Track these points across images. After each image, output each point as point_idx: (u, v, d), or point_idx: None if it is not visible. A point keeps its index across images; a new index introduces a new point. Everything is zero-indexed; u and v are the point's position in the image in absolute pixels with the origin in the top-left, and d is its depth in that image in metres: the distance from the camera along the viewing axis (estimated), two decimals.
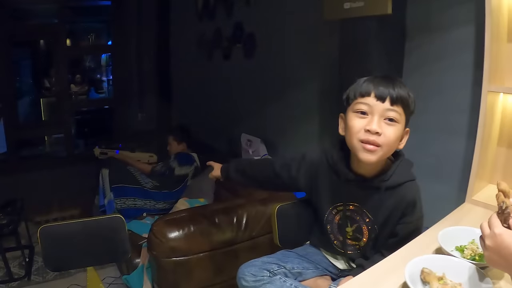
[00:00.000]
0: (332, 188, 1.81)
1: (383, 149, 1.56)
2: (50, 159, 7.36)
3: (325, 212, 1.86)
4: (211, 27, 4.38)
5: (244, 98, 3.95)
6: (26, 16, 7.27)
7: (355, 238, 1.80)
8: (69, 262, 2.13)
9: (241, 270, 1.92)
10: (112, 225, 2.04)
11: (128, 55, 5.84)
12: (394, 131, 1.56)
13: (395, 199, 1.66)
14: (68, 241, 2.05)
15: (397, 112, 1.55)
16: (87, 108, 8.38)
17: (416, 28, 2.28)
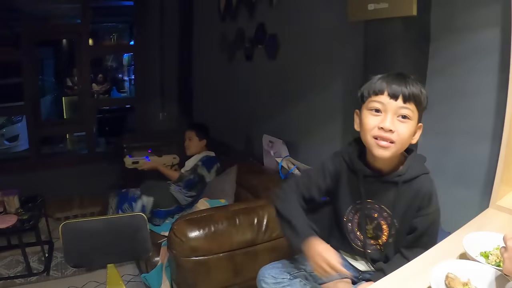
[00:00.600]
0: (350, 186, 1.83)
1: (397, 146, 1.60)
2: (71, 157, 7.46)
3: (345, 212, 1.87)
4: (233, 28, 4.38)
5: (266, 98, 3.94)
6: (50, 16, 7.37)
7: (375, 236, 1.81)
8: (90, 259, 2.16)
9: (261, 272, 1.93)
10: (134, 224, 2.06)
11: (150, 55, 5.87)
12: (407, 127, 1.60)
13: (412, 193, 1.68)
14: (89, 238, 2.07)
15: (410, 109, 1.59)
16: (109, 107, 8.46)
17: (441, 30, 2.25)
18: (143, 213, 2.28)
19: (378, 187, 1.74)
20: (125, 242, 2.10)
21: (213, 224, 2.45)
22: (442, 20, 2.22)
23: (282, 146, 3.35)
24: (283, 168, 3.18)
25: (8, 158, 7.58)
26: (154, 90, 5.98)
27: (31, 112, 5.63)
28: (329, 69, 3.04)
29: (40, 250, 3.89)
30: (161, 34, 5.84)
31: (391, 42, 2.29)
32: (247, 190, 3.28)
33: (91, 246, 2.10)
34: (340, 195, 1.87)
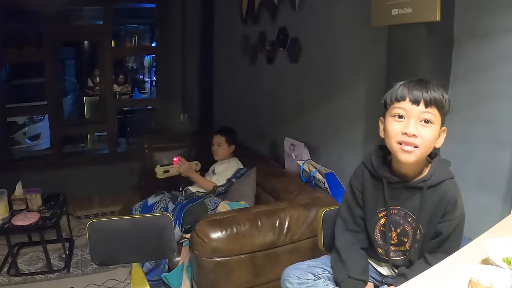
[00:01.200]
0: (374, 194, 1.85)
1: (421, 150, 1.63)
2: (92, 156, 7.53)
3: (370, 219, 1.88)
4: (255, 30, 4.40)
5: (287, 101, 3.94)
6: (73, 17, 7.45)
7: (399, 243, 1.82)
8: (115, 257, 2.18)
9: (286, 272, 1.95)
10: (160, 224, 2.08)
11: (172, 57, 5.90)
12: (430, 131, 1.63)
13: (437, 197, 1.69)
14: (115, 236, 2.09)
15: (432, 113, 1.62)
16: (130, 108, 8.51)
17: (464, 35, 2.23)
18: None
19: (403, 193, 1.76)
20: (150, 242, 2.13)
21: (236, 226, 2.47)
22: (466, 26, 2.22)
23: (303, 150, 3.36)
24: (305, 171, 3.19)
25: (30, 157, 7.67)
26: (175, 92, 6.02)
27: (54, 112, 5.70)
28: (352, 74, 3.04)
29: (60, 247, 3.92)
30: (182, 36, 5.88)
31: (414, 47, 2.29)
32: (268, 192, 3.31)
33: (117, 245, 2.12)
34: (365, 203, 1.89)
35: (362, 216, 1.92)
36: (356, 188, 1.92)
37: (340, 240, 1.96)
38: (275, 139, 3.99)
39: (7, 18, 6.04)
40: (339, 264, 1.92)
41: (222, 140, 3.96)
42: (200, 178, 3.88)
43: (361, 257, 1.93)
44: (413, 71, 2.25)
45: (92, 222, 2.07)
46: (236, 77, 5.08)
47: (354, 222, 1.95)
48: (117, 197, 5.38)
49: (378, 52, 2.66)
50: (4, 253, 3.93)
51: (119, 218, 2.19)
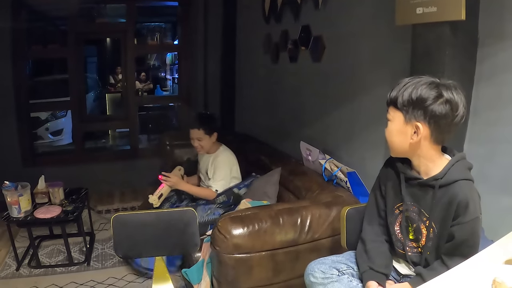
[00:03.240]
0: (394, 189, 1.88)
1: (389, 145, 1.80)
2: (114, 152, 7.58)
3: (389, 214, 1.90)
4: (277, 29, 4.38)
5: (309, 100, 3.92)
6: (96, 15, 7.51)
7: (415, 239, 1.82)
8: (139, 251, 2.19)
9: (310, 266, 1.97)
10: (184, 218, 2.08)
11: (194, 55, 5.92)
12: (388, 129, 1.78)
13: (447, 198, 1.67)
14: (139, 230, 2.10)
15: (389, 112, 1.76)
16: (152, 105, 8.57)
17: (489, 35, 2.20)
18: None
19: (418, 190, 1.78)
20: (174, 236, 2.13)
21: (257, 223, 2.46)
22: (491, 26, 2.18)
23: (319, 155, 3.33)
24: (326, 170, 3.17)
25: (52, 151, 7.78)
26: (197, 89, 6.04)
27: (77, 108, 5.75)
28: (375, 73, 3.01)
29: (81, 241, 3.96)
30: (205, 34, 5.89)
31: (438, 47, 2.26)
32: (289, 191, 3.30)
33: (140, 238, 2.14)
34: (386, 198, 1.91)
35: (384, 209, 1.94)
36: (382, 182, 1.95)
37: (366, 231, 1.98)
38: (297, 138, 3.96)
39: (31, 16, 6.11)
40: (363, 254, 1.93)
41: (201, 133, 3.61)
42: (196, 189, 3.63)
43: (385, 250, 1.93)
44: (437, 71, 2.23)
45: (117, 215, 2.09)
46: (258, 75, 5.07)
47: (379, 215, 1.97)
48: (138, 192, 5.44)
49: (401, 52, 2.63)
50: (25, 245, 3.99)
51: (144, 212, 2.20)
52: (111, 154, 7.13)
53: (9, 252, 3.94)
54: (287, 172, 3.44)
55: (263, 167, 3.82)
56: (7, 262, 3.80)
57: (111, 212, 5.02)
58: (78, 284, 3.47)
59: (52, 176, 3.95)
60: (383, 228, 1.96)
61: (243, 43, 5.55)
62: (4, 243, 4.14)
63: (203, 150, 3.73)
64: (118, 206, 5.20)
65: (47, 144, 8.22)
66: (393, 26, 2.53)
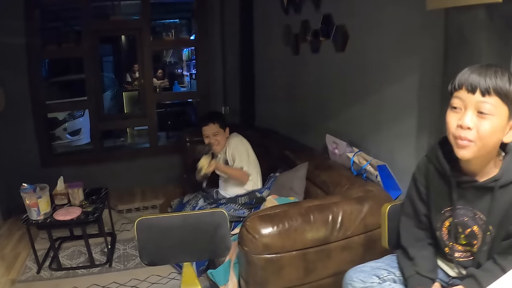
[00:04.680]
0: (440, 192, 1.70)
1: (477, 145, 1.46)
2: (133, 150, 7.57)
3: (434, 218, 1.75)
4: (297, 20, 4.27)
5: (334, 92, 3.79)
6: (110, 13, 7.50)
7: (467, 244, 1.67)
8: (166, 256, 2.09)
9: (348, 275, 1.85)
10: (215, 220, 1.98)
11: (211, 49, 5.84)
12: (488, 124, 1.44)
13: (509, 197, 1.53)
14: (166, 234, 2.00)
15: (490, 103, 1.43)
16: (170, 101, 8.54)
17: None
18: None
19: (472, 192, 1.61)
20: (204, 240, 2.02)
21: (287, 221, 2.34)
22: None
23: (346, 149, 3.21)
24: (355, 164, 3.05)
25: (71, 152, 7.81)
26: (216, 84, 5.96)
27: (94, 107, 5.71)
28: (403, 61, 2.87)
29: (102, 242, 3.92)
30: (221, 28, 5.82)
31: (474, 31, 2.14)
32: (317, 186, 3.18)
33: (167, 243, 2.03)
34: (431, 200, 1.76)
35: (426, 213, 1.79)
36: (421, 184, 1.78)
37: (405, 238, 1.85)
38: (320, 131, 3.85)
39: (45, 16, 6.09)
40: (407, 261, 1.81)
41: (217, 128, 3.64)
42: (232, 169, 3.61)
43: (429, 253, 1.80)
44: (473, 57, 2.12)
45: (141, 219, 1.98)
46: (278, 68, 4.97)
47: (418, 220, 1.82)
48: (158, 191, 5.43)
49: (432, 37, 2.52)
50: (45, 247, 3.95)
51: (170, 215, 2.11)
52: (130, 152, 7.10)
53: (29, 255, 3.91)
54: (313, 167, 3.33)
55: (287, 162, 3.73)
56: (27, 265, 3.77)
57: (132, 211, 4.99)
58: (100, 286, 3.41)
59: (71, 176, 3.92)
60: (425, 232, 1.82)
61: (261, 35, 5.45)
62: (24, 246, 4.12)
63: (219, 146, 3.69)
64: (139, 205, 5.16)
65: (65, 144, 8.27)
66: (422, 11, 2.41)
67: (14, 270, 3.71)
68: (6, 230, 4.56)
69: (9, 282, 3.53)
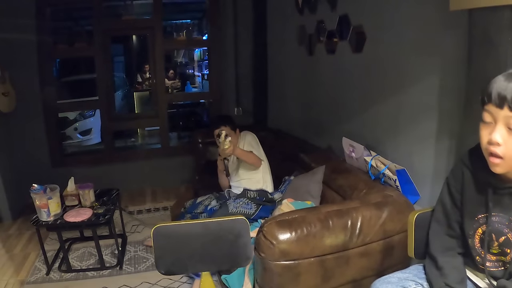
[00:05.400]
0: (475, 198, 1.62)
1: (507, 162, 1.39)
2: (144, 151, 7.55)
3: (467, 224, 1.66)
4: (312, 20, 4.20)
5: (350, 94, 3.71)
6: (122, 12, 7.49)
7: (500, 253, 1.59)
8: (184, 266, 2.01)
9: (375, 287, 1.76)
10: (236, 228, 1.90)
11: (224, 49, 5.80)
12: None
13: None
14: (184, 243, 1.93)
15: None
16: (182, 102, 8.51)
17: None
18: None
19: (509, 199, 1.53)
20: (224, 248, 1.95)
21: (306, 226, 2.27)
22: None
23: (364, 152, 3.13)
24: (373, 168, 2.97)
25: (81, 151, 7.82)
26: (229, 84, 5.91)
27: (105, 107, 5.69)
28: (423, 63, 2.78)
29: (113, 243, 3.88)
30: (235, 28, 5.77)
31: (499, 33, 2.06)
32: (333, 190, 3.10)
33: (186, 252, 1.95)
34: (463, 207, 1.68)
35: (459, 220, 1.71)
36: (455, 189, 1.70)
37: (435, 245, 1.76)
38: (335, 133, 3.77)
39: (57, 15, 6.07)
40: (435, 271, 1.72)
41: (228, 129, 3.64)
42: (247, 153, 3.60)
43: (459, 264, 1.73)
44: (499, 60, 2.05)
45: (158, 226, 1.91)
46: (292, 69, 4.90)
47: (450, 226, 1.74)
48: (170, 192, 5.40)
49: (454, 39, 2.44)
50: (55, 248, 3.93)
51: (189, 222, 2.03)
52: (142, 152, 7.07)
53: (38, 256, 3.88)
54: (329, 170, 3.25)
55: (302, 165, 3.65)
56: (36, 266, 3.74)
57: (143, 212, 4.97)
58: None
59: (81, 176, 3.91)
60: (455, 241, 1.74)
61: (275, 35, 5.40)
62: (34, 246, 4.10)
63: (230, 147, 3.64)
64: (150, 206, 5.13)
65: (76, 144, 8.28)
66: (443, 11, 2.34)
67: (23, 271, 3.69)
68: (15, 230, 4.54)
69: (18, 283, 3.51)
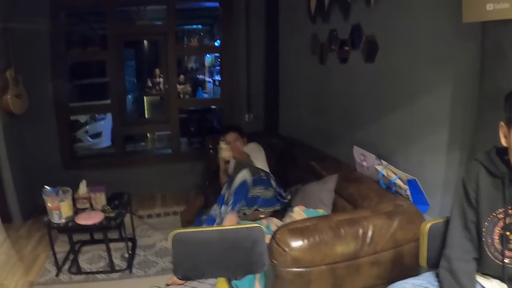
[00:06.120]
0: (490, 194, 1.66)
1: None
2: (154, 155, 7.56)
3: (484, 223, 1.68)
4: (325, 29, 4.22)
5: (362, 103, 3.73)
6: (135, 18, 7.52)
7: None
8: (201, 271, 2.04)
9: None
10: (252, 236, 1.93)
11: (236, 56, 5.81)
12: None
13: None
14: (202, 249, 1.96)
15: None
16: (194, 108, 8.52)
17: None
18: None
19: None
20: (240, 256, 1.97)
21: (318, 234, 2.29)
22: None
23: (375, 161, 3.15)
24: (384, 177, 2.98)
25: (92, 154, 7.85)
26: (240, 91, 5.92)
27: (117, 111, 5.73)
28: (435, 74, 2.81)
29: (122, 247, 3.91)
30: (247, 35, 5.79)
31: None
32: (344, 198, 3.12)
33: (203, 258, 1.98)
34: (479, 205, 1.70)
35: (475, 220, 1.72)
36: (471, 188, 1.72)
37: (452, 247, 1.77)
38: (346, 142, 3.78)
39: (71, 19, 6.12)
40: (448, 275, 1.73)
41: (237, 135, 4.11)
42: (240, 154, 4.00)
43: (472, 270, 1.74)
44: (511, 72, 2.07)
45: (177, 232, 1.94)
46: (303, 76, 4.93)
47: (466, 227, 1.75)
48: (180, 197, 5.42)
49: (467, 50, 2.47)
50: (65, 249, 3.94)
51: (206, 229, 2.07)
52: (153, 157, 7.05)
53: (48, 257, 3.90)
54: (340, 179, 3.27)
55: (313, 173, 3.66)
56: (46, 268, 3.76)
57: (153, 216, 4.98)
58: None
59: (91, 179, 3.90)
60: (471, 244, 1.75)
61: (286, 43, 5.43)
62: (44, 247, 4.13)
63: (235, 152, 4.01)
64: (160, 211, 5.14)
65: (86, 146, 8.30)
66: (456, 22, 2.36)
67: (32, 272, 3.71)
68: (25, 231, 4.57)
69: (27, 284, 3.53)
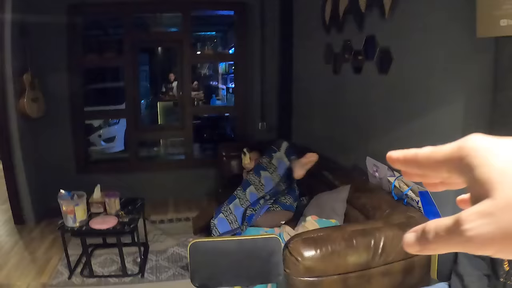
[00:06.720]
0: None
1: None
2: (167, 161, 7.59)
3: None
4: (339, 39, 4.24)
5: (374, 114, 3.74)
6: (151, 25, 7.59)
7: None
8: (218, 280, 2.07)
9: None
10: (269, 246, 1.96)
11: (250, 64, 5.85)
12: None
13: None
14: (219, 258, 1.99)
15: None
16: (207, 115, 8.56)
17: None
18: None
19: None
20: (257, 265, 2.01)
21: (330, 244, 2.31)
22: None
23: (387, 172, 3.16)
24: (396, 188, 3.00)
25: (105, 159, 7.88)
26: (254, 99, 5.95)
27: (131, 116, 5.77)
28: (449, 87, 2.81)
29: (135, 251, 3.93)
30: (261, 43, 5.83)
31: None
32: (356, 209, 3.14)
33: (220, 267, 2.02)
34: None
35: None
36: None
37: (463, 264, 1.79)
38: (359, 152, 3.80)
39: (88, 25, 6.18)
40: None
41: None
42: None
43: (484, 286, 1.74)
44: None
45: (195, 242, 1.98)
46: (317, 86, 4.95)
47: None
48: (192, 203, 5.42)
49: (481, 65, 2.47)
50: (78, 252, 3.97)
51: (224, 239, 2.10)
52: (166, 163, 7.08)
53: (61, 260, 3.94)
54: (352, 189, 3.29)
55: (326, 183, 3.70)
56: (59, 270, 3.79)
57: (165, 222, 5.01)
58: None
59: (105, 183, 3.95)
60: (484, 262, 1.76)
61: (301, 52, 5.45)
62: (56, 250, 4.17)
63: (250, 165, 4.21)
64: (172, 217, 5.17)
65: (99, 150, 8.33)
66: (471, 37, 2.36)
67: (45, 274, 3.75)
68: (38, 233, 4.62)
69: (40, 285, 3.57)
